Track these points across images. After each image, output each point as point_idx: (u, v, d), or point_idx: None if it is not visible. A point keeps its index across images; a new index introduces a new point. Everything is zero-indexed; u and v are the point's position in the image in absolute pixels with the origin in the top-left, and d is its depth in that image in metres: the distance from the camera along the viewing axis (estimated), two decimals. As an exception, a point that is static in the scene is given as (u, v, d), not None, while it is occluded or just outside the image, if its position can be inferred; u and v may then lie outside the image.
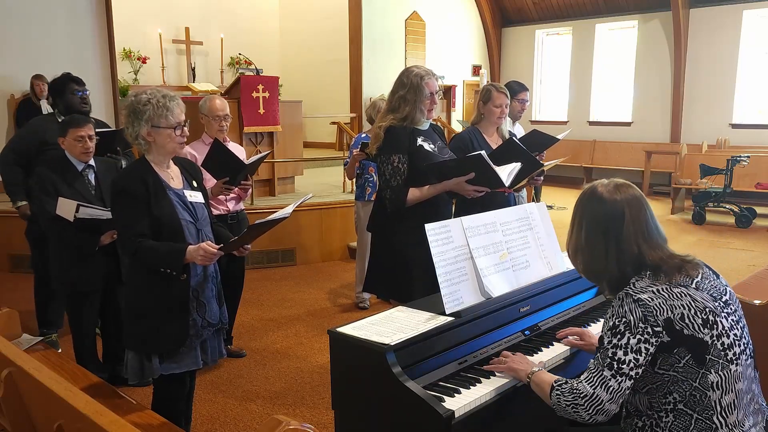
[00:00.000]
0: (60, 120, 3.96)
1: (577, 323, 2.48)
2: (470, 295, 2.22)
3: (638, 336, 1.63)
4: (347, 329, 2.06)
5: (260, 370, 3.99)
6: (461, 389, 1.91)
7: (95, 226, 3.20)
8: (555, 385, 1.75)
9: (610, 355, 1.65)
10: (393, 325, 2.07)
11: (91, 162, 3.44)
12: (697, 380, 1.63)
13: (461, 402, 1.84)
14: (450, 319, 2.10)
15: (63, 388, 1.66)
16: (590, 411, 1.65)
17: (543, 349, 2.22)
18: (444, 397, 1.86)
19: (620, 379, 1.63)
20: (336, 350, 2.09)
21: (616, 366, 1.64)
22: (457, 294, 2.18)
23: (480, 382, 1.96)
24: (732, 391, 1.65)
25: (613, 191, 1.78)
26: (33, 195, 3.88)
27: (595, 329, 2.41)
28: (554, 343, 2.28)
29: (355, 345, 1.98)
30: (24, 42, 7.15)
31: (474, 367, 2.07)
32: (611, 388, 1.64)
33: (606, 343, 1.68)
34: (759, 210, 8.89)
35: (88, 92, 4.04)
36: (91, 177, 3.44)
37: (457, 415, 1.78)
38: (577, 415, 1.67)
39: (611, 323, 1.68)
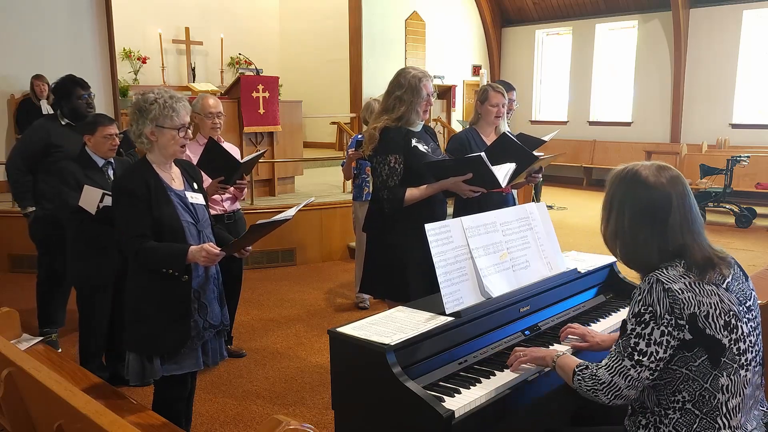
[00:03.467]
0: (63, 122, 3.97)
1: (577, 323, 2.48)
2: (470, 295, 2.22)
3: (662, 328, 1.60)
4: (347, 329, 2.06)
5: (260, 370, 3.99)
6: (461, 389, 1.91)
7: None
8: (576, 369, 1.76)
9: (632, 344, 1.64)
10: (393, 325, 2.07)
11: (111, 159, 3.52)
12: (709, 381, 1.62)
13: (461, 402, 1.84)
14: (450, 319, 2.09)
15: (63, 388, 1.66)
16: (609, 396, 1.68)
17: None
18: (444, 397, 1.86)
19: (640, 370, 1.63)
20: (336, 350, 2.09)
21: (636, 357, 1.63)
22: (457, 294, 2.18)
23: (480, 382, 1.96)
24: (739, 395, 1.64)
25: (658, 175, 1.70)
26: (49, 192, 3.90)
27: (596, 329, 2.41)
28: (554, 343, 2.28)
29: (355, 345, 1.98)
30: (24, 42, 7.15)
31: (474, 367, 2.07)
32: (630, 377, 1.64)
33: (629, 330, 1.66)
34: (759, 210, 8.89)
35: (93, 95, 4.05)
36: (111, 173, 3.51)
37: (457, 415, 1.78)
38: (597, 398, 1.71)
39: (637, 309, 1.64)
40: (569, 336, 2.26)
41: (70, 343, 4.24)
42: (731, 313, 1.63)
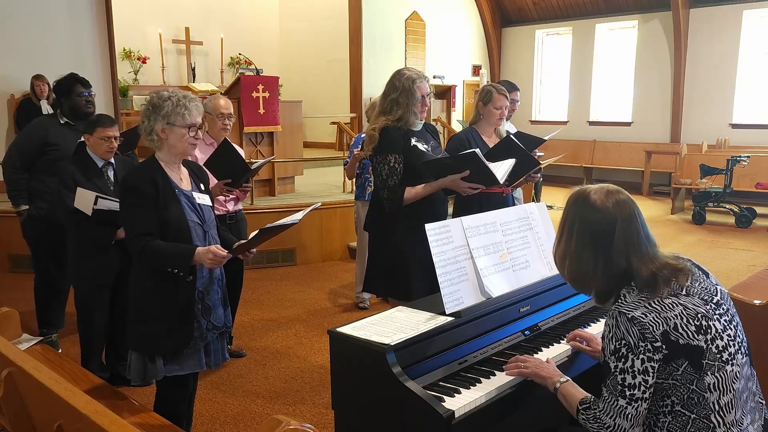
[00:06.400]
0: (62, 121, 3.97)
1: (577, 323, 2.48)
2: (470, 295, 2.22)
3: (641, 356, 1.62)
4: (347, 329, 2.06)
5: (260, 370, 3.99)
6: (461, 389, 1.91)
7: (112, 220, 3.25)
8: (580, 408, 1.77)
9: (619, 382, 1.65)
10: (393, 325, 2.07)
11: (111, 159, 3.51)
12: (695, 383, 1.63)
13: (461, 402, 1.84)
14: (450, 319, 2.10)
15: (63, 388, 1.66)
16: None
17: (543, 349, 2.22)
18: (444, 397, 1.86)
19: (636, 405, 1.64)
20: (336, 350, 2.09)
21: (628, 393, 1.64)
22: (457, 294, 2.18)
23: (480, 382, 1.96)
24: (730, 392, 1.65)
25: (606, 199, 1.74)
26: (43, 191, 3.90)
27: (596, 329, 2.41)
28: (554, 343, 2.28)
29: (355, 345, 1.98)
30: (24, 42, 7.15)
31: (474, 367, 2.07)
32: (630, 415, 1.65)
33: (612, 368, 1.67)
34: (759, 210, 8.89)
35: (93, 94, 4.04)
36: (110, 174, 3.50)
37: (457, 415, 1.78)
38: None
39: (612, 346, 1.67)
40: (576, 339, 2.25)
41: (70, 343, 4.24)
42: (699, 315, 1.64)
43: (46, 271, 4.18)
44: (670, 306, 1.64)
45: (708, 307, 1.67)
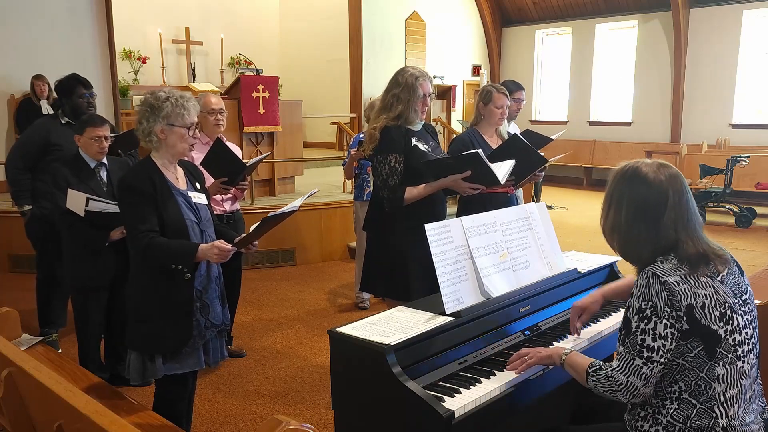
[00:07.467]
0: (64, 121, 3.97)
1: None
2: (470, 295, 2.22)
3: (665, 321, 1.64)
4: (347, 329, 2.06)
5: (260, 370, 3.99)
6: (461, 389, 1.91)
7: (106, 222, 3.24)
8: (590, 371, 1.78)
9: (639, 342, 1.67)
10: (393, 325, 2.07)
11: (104, 160, 3.50)
12: (704, 371, 1.65)
13: (461, 402, 1.84)
14: (450, 319, 2.09)
15: (63, 388, 1.66)
16: (627, 396, 1.70)
17: (543, 349, 2.22)
18: (444, 397, 1.86)
19: (652, 366, 1.66)
20: (336, 350, 2.09)
21: (646, 354, 1.66)
22: (457, 294, 2.18)
23: (480, 382, 1.96)
24: (736, 386, 1.67)
25: (658, 172, 1.75)
26: (47, 191, 3.91)
27: (597, 329, 2.41)
28: (554, 342, 2.28)
29: (355, 345, 1.98)
30: (24, 42, 7.15)
31: (474, 367, 2.07)
32: (644, 375, 1.67)
33: (634, 327, 1.68)
34: (759, 210, 8.89)
35: (95, 95, 4.05)
36: (104, 174, 3.50)
37: (457, 415, 1.78)
38: (615, 398, 1.73)
39: (638, 305, 1.68)
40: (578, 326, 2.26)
41: (70, 343, 4.24)
42: (726, 304, 1.67)
43: (49, 270, 4.19)
44: (703, 285, 1.66)
45: (736, 300, 1.69)
